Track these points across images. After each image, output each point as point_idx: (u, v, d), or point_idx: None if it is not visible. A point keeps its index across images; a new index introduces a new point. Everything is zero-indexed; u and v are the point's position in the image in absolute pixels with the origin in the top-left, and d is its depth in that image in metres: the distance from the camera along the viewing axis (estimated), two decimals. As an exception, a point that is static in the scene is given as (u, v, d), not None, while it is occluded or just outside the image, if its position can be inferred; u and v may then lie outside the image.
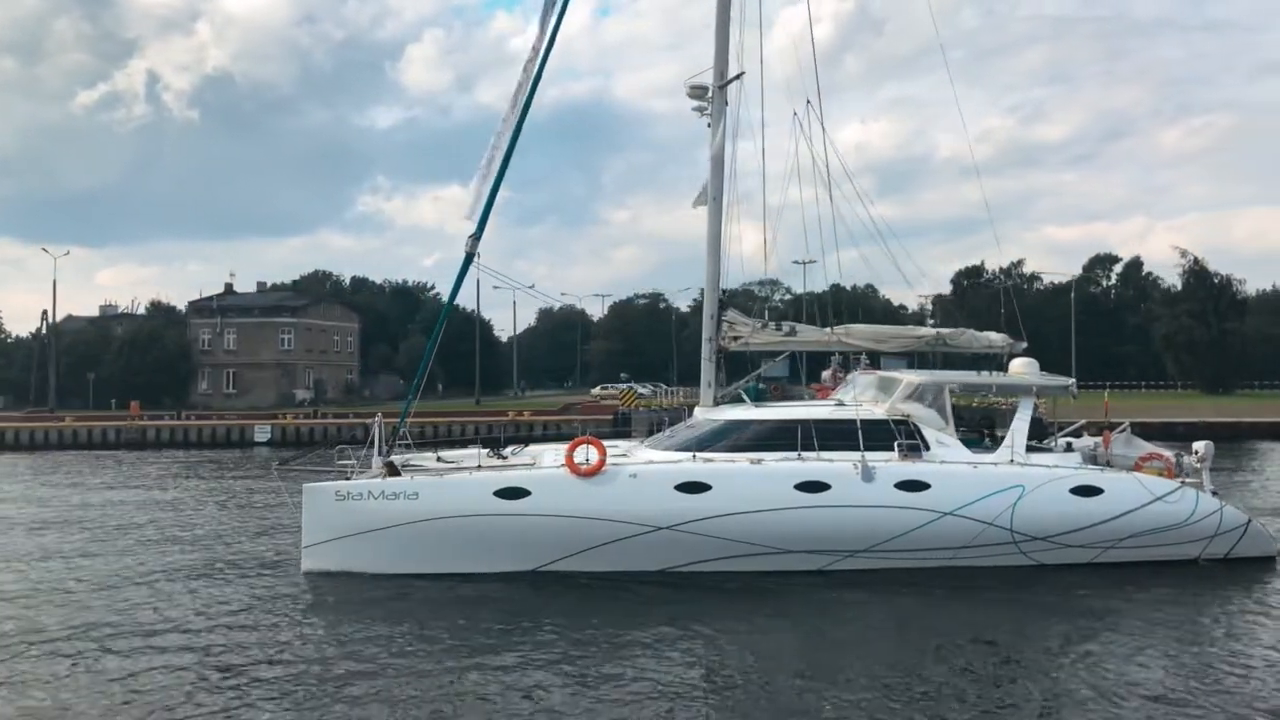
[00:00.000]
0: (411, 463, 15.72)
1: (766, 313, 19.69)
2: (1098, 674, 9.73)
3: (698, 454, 14.31)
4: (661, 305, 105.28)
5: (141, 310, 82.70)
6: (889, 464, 14.23)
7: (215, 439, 42.29)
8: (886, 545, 13.88)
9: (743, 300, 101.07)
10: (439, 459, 16.00)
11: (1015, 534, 14.24)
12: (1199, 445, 16.67)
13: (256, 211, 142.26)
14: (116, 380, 61.66)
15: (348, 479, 14.30)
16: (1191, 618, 12.14)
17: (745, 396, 18.86)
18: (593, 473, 13.65)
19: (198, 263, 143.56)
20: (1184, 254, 71.07)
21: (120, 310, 79.64)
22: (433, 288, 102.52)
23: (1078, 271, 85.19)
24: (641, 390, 65.59)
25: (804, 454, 14.33)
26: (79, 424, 43.29)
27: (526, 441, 18.92)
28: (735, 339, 18.91)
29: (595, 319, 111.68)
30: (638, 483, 13.70)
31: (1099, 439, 17.20)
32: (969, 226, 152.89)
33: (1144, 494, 15.07)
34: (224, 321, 69.39)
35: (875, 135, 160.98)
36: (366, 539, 13.63)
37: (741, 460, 14.15)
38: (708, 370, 18.92)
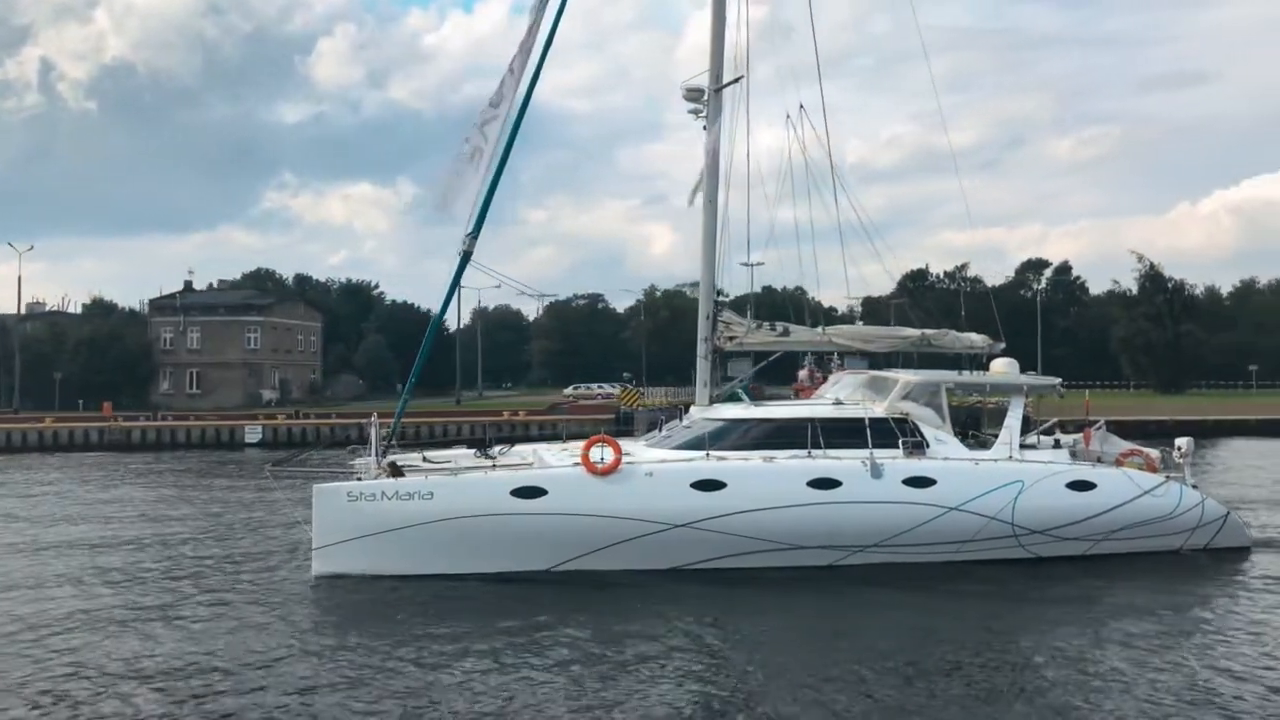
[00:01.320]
0: (409, 464, 15.61)
1: (750, 313, 19.77)
2: (1102, 665, 10.02)
3: (710, 453, 14.39)
4: (600, 306, 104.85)
5: (75, 308, 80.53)
6: (896, 461, 14.50)
7: (204, 440, 41.25)
8: (895, 540, 14.14)
9: (664, 299, 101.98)
10: (424, 459, 15.87)
11: (1016, 528, 14.61)
12: (1181, 441, 17.27)
13: (155, 207, 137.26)
14: (75, 380, 59.97)
15: (357, 480, 14.15)
16: (1187, 606, 12.60)
17: (743, 396, 19.07)
18: (609, 471, 13.68)
19: (91, 259, 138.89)
20: (1140, 259, 73.44)
21: (49, 308, 76.94)
22: (376, 286, 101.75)
23: (1011, 275, 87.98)
24: (612, 390, 65.61)
25: (813, 452, 14.52)
26: (59, 425, 41.83)
27: (512, 441, 18.89)
28: (730, 339, 19.12)
29: (530, 319, 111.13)
30: (654, 481, 13.76)
31: (1078, 436, 17.71)
32: (874, 230, 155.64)
33: (1133, 488, 15.58)
34: (187, 320, 67.75)
35: (785, 140, 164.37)
36: (379, 540, 13.45)
37: (755, 458, 14.29)
38: (703, 370, 19.09)
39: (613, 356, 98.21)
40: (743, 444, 14.71)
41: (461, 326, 76.86)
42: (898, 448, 14.83)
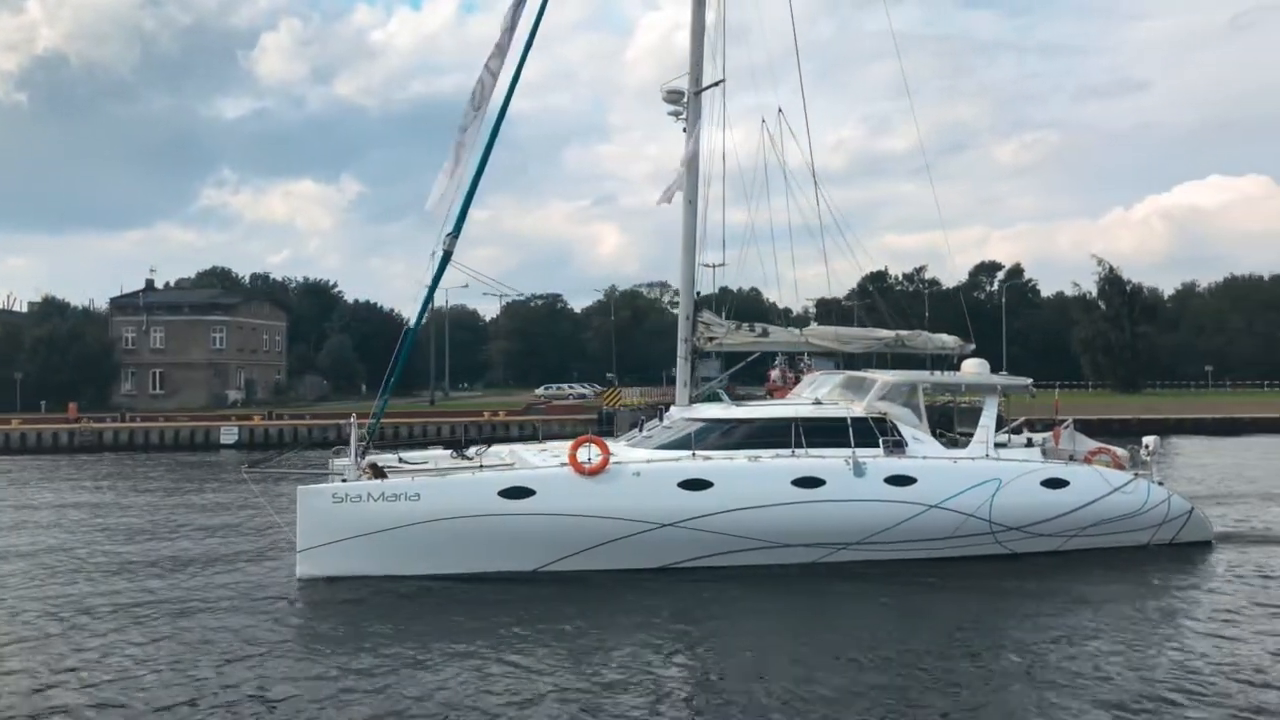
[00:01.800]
0: (386, 465, 15.49)
1: (725, 314, 19.93)
2: (1077, 658, 10.25)
3: (696, 452, 14.47)
4: (559, 306, 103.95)
5: (20, 307, 78.57)
6: (877, 460, 14.71)
7: (178, 441, 40.26)
8: (877, 538, 14.35)
9: (629, 299, 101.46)
10: (400, 460, 15.74)
11: (993, 524, 14.91)
12: (1148, 440, 17.76)
13: (89, 204, 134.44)
14: (33, 380, 58.42)
15: (342, 480, 14.01)
16: (1156, 599, 12.98)
17: (723, 396, 19.24)
18: (597, 471, 13.69)
19: (21, 256, 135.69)
20: (1100, 262, 75.28)
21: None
22: (335, 285, 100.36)
23: (965, 277, 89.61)
24: (584, 390, 65.58)
25: (796, 451, 14.68)
26: (27, 427, 40.57)
27: (489, 442, 18.84)
28: (710, 339, 19.27)
29: (487, 320, 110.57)
30: (641, 481, 13.79)
31: (1048, 435, 18.10)
32: (816, 232, 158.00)
33: (1104, 485, 15.99)
34: (150, 319, 66.16)
35: (731, 142, 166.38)
36: (365, 542, 13.31)
37: (740, 458, 14.40)
38: (683, 370, 19.21)
39: (571, 357, 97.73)
40: (728, 444, 14.81)
41: (414, 326, 75.89)
42: (878, 447, 15.05)
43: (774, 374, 37.14)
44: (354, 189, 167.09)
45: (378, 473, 14.30)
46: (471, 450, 16.61)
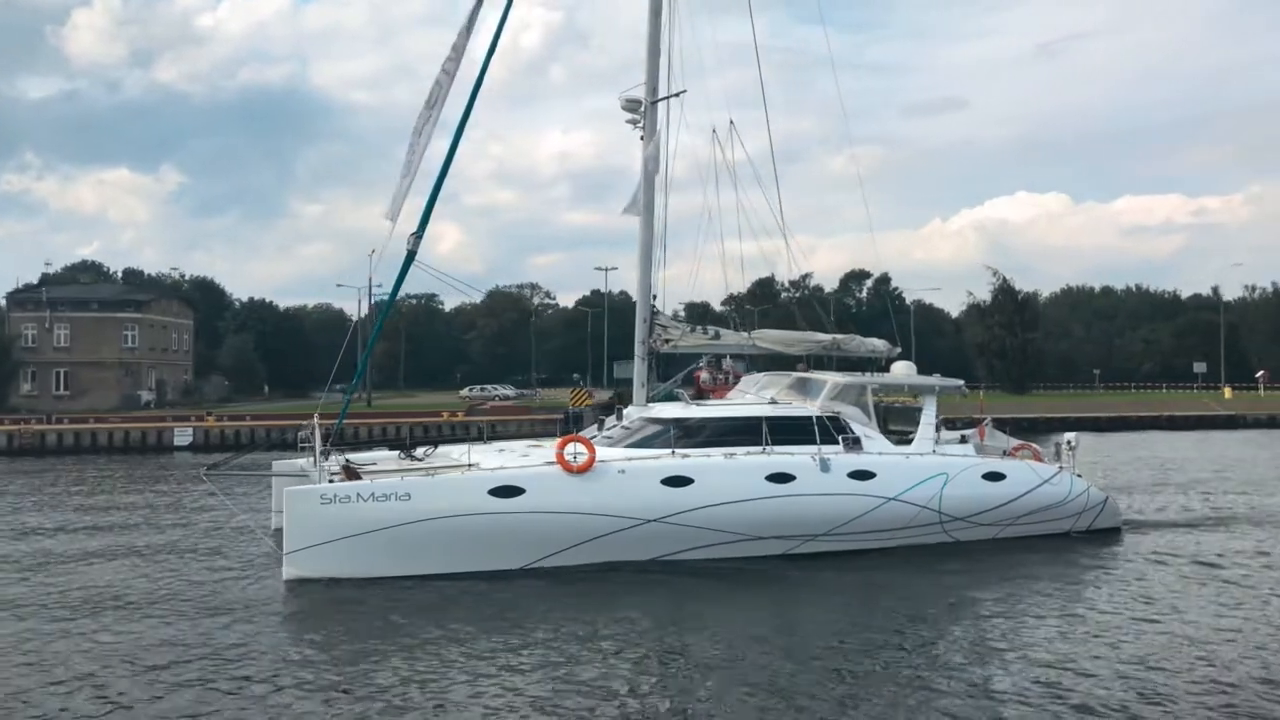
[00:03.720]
0: (365, 467, 15.21)
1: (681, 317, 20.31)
2: (1018, 634, 10.98)
3: (676, 450, 14.70)
4: (439, 307, 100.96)
5: None
6: (841, 456, 15.30)
7: (129, 443, 37.86)
8: (841, 529, 14.91)
9: (513, 300, 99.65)
10: (348, 462, 15.22)
11: (942, 515, 15.71)
12: (1070, 436, 19.01)
13: None
14: None
15: (305, 482, 13.67)
16: (1080, 577, 14.11)
17: (682, 395, 19.61)
18: (584, 469, 13.77)
19: None
20: (995, 273, 79.64)
21: None
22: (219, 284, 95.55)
23: (836, 284, 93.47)
24: (507, 393, 65.06)
25: (768, 449, 15.07)
26: None
27: (435, 443, 18.65)
28: (666, 341, 19.61)
29: (353, 320, 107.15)
30: (626, 478, 13.95)
31: (972, 431, 19.16)
32: (657, 237, 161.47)
33: (1035, 478, 17.07)
34: (54, 316, 61.74)
35: (576, 144, 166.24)
36: (354, 543, 13.00)
37: (716, 455, 14.71)
38: (640, 371, 19.48)
39: (453, 359, 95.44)
40: (704, 441, 15.09)
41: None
42: (837, 444, 15.64)
43: (703, 375, 37.85)
44: (174, 179, 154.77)
45: (351, 474, 14.02)
46: (420, 451, 16.42)
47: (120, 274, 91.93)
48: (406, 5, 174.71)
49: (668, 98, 19.49)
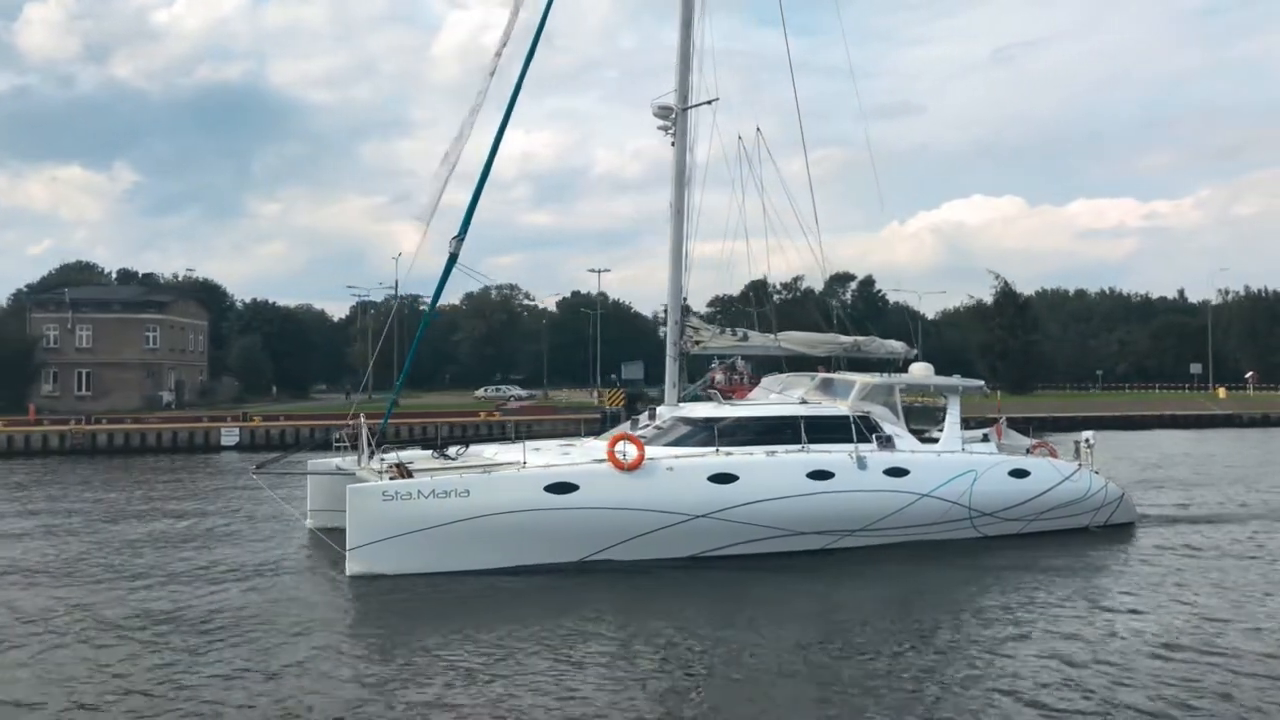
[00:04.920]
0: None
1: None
2: (1050, 624, 11.24)
3: (720, 448, 14.92)
4: (420, 308, 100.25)
5: None
6: (877, 454, 15.60)
7: (177, 444, 37.84)
8: (877, 525, 15.19)
9: (501, 302, 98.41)
10: (382, 460, 15.07)
11: (971, 511, 16.02)
12: (1087, 434, 19.36)
13: None
14: None
15: (392, 480, 13.70)
16: (1101, 567, 14.54)
17: (716, 395, 19.94)
18: (634, 467, 13.98)
19: None
20: (997, 277, 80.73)
21: None
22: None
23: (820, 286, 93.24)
24: (521, 393, 65.34)
25: (809, 447, 15.33)
26: (14, 430, 37.30)
27: (467, 443, 18.86)
28: (697, 343, 19.90)
29: (334, 320, 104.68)
30: (675, 475, 14.16)
31: (989, 430, 19.49)
32: (617, 238, 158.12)
33: (1057, 475, 17.40)
34: (76, 317, 61.71)
35: (538, 145, 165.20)
36: (415, 539, 13.15)
37: (758, 454, 14.97)
38: (672, 371, 19.78)
39: (441, 360, 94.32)
40: (744, 440, 15.33)
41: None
42: (870, 442, 15.93)
43: (719, 376, 38.18)
44: (129, 178, 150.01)
45: (403, 472, 14.15)
46: (452, 450, 16.48)
47: (115, 274, 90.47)
48: (369, 4, 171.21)
49: (699, 105, 19.79)
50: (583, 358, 79.61)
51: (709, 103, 19.58)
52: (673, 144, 19.87)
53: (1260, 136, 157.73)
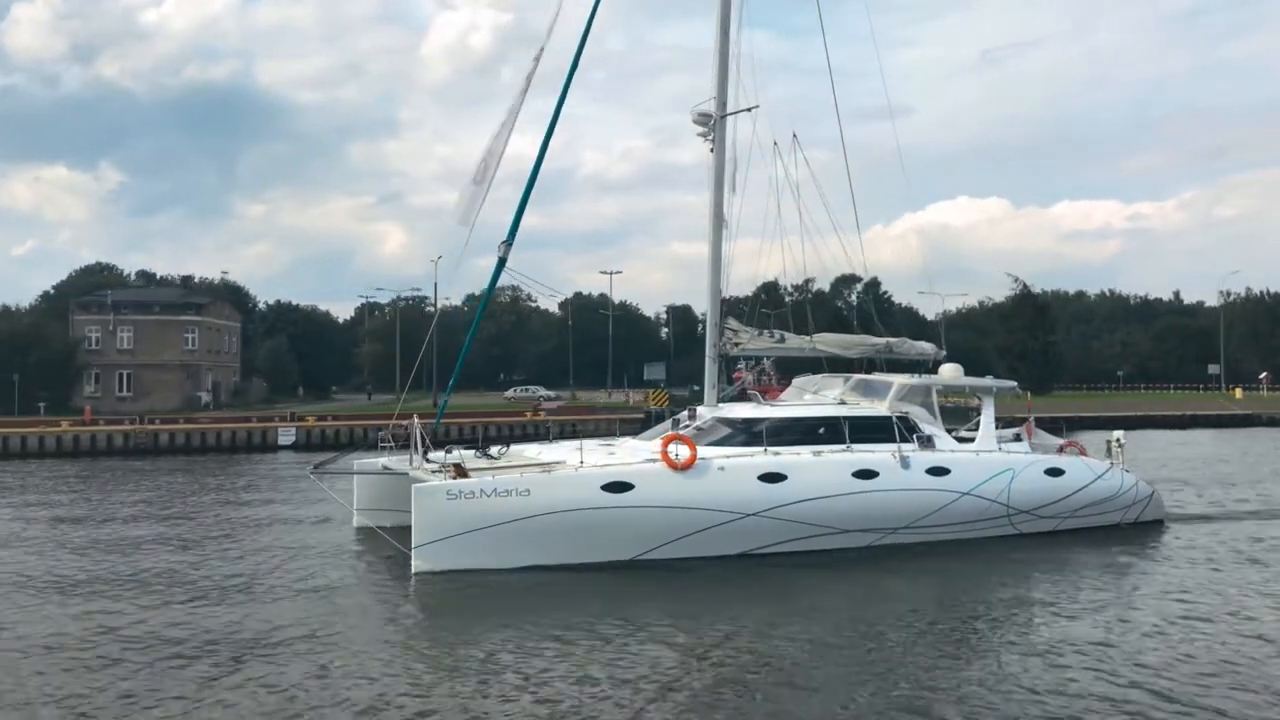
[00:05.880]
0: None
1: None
2: (1092, 617, 11.47)
3: (768, 448, 15.14)
4: (427, 309, 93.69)
5: None
6: (919, 453, 15.82)
7: (235, 443, 38.33)
8: (920, 522, 15.38)
9: (510, 305, 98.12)
10: (426, 460, 15.41)
11: (1009, 509, 16.20)
12: (1118, 434, 19.53)
13: None
14: None
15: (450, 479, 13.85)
16: (1130, 565, 14.72)
17: (757, 397, 20.22)
18: (687, 466, 14.18)
19: None
20: (1015, 280, 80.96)
21: None
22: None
23: (826, 288, 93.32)
24: (548, 394, 65.69)
25: (842, 447, 15.55)
26: (80, 429, 37.65)
27: (508, 443, 19.09)
28: (736, 345, 20.19)
29: (340, 321, 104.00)
30: (726, 474, 14.35)
31: (1020, 429, 19.66)
32: (604, 239, 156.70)
33: (1090, 473, 17.57)
34: (118, 319, 62.51)
35: (525, 145, 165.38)
36: (477, 537, 13.34)
37: (805, 453, 15.20)
38: (711, 372, 20.07)
39: (447, 361, 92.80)
40: (790, 440, 15.53)
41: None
42: (911, 442, 16.14)
43: (747, 377, 38.39)
44: (114, 178, 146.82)
45: (460, 472, 14.25)
46: (494, 450, 16.72)
47: (133, 276, 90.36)
48: (359, 4, 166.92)
49: (738, 112, 20.05)
50: (586, 358, 79.66)
51: (749, 109, 19.83)
52: (711, 150, 20.16)
53: (1243, 139, 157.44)
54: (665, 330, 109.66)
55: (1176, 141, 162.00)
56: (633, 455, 15.54)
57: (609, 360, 70.49)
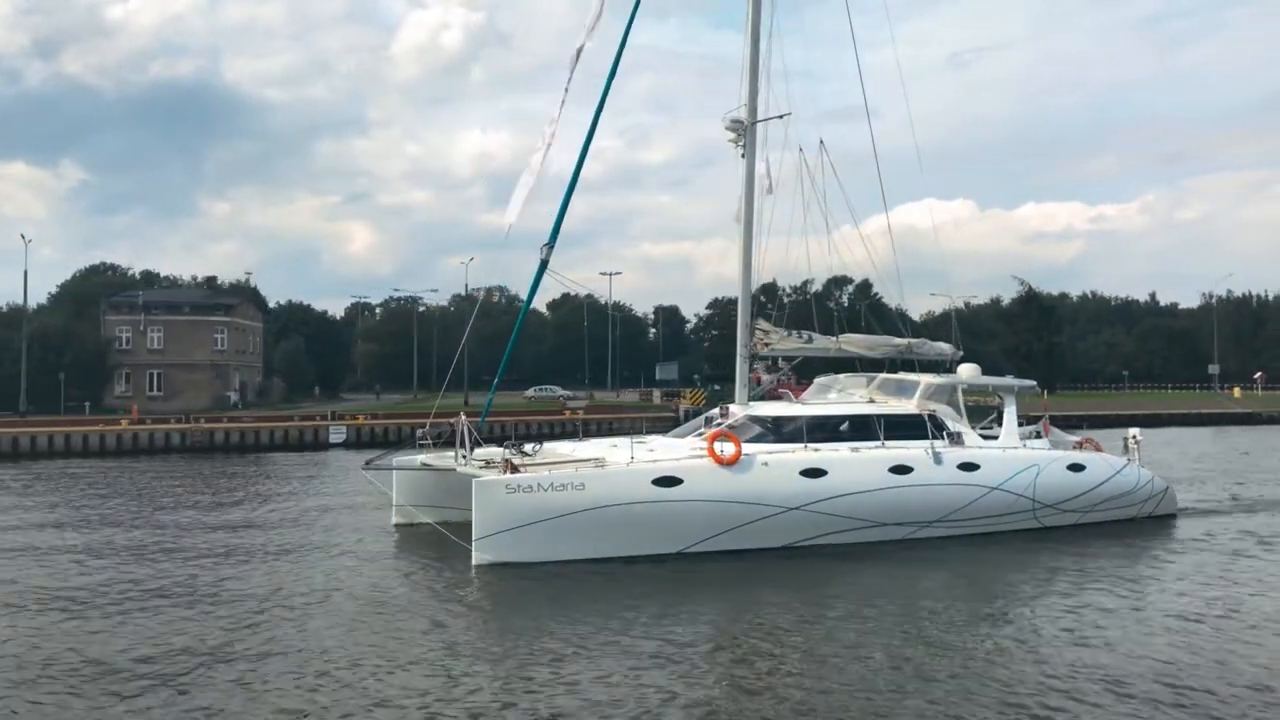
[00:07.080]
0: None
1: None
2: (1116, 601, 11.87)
3: (808, 444, 15.45)
4: (421, 309, 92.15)
5: None
6: (949, 449, 16.21)
7: (288, 441, 38.24)
8: (952, 516, 15.74)
9: (493, 305, 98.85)
10: (464, 458, 15.71)
11: (1035, 503, 16.58)
12: (1134, 431, 19.92)
13: None
14: (16, 381, 52.24)
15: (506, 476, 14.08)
16: (1151, 555, 15.13)
17: (788, 396, 20.65)
18: (733, 462, 14.50)
19: None
20: (1021, 282, 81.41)
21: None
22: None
23: (819, 289, 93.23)
24: (567, 394, 66.17)
25: (876, 444, 15.86)
26: (140, 429, 37.95)
27: (541, 440, 19.31)
28: (765, 345, 20.61)
29: (338, 321, 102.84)
30: (770, 470, 14.68)
31: (1037, 426, 20.04)
32: (573, 239, 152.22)
33: (1109, 469, 17.97)
34: (148, 319, 62.91)
35: (494, 145, 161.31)
36: (534, 529, 13.54)
37: (842, 449, 15.54)
38: (742, 372, 20.48)
39: (444, 362, 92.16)
40: (825, 437, 15.89)
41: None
42: (942, 439, 16.50)
43: (766, 377, 38.76)
44: (76, 175, 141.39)
45: (512, 468, 14.48)
46: (529, 447, 16.74)
47: (138, 275, 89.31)
48: (328, 2, 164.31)
49: (770, 119, 20.42)
50: (579, 358, 79.49)
51: (780, 117, 20.20)
52: (742, 156, 20.53)
53: (1202, 143, 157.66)
54: (653, 331, 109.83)
55: (1138, 145, 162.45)
56: (672, 451, 15.85)
57: (609, 360, 70.70)
